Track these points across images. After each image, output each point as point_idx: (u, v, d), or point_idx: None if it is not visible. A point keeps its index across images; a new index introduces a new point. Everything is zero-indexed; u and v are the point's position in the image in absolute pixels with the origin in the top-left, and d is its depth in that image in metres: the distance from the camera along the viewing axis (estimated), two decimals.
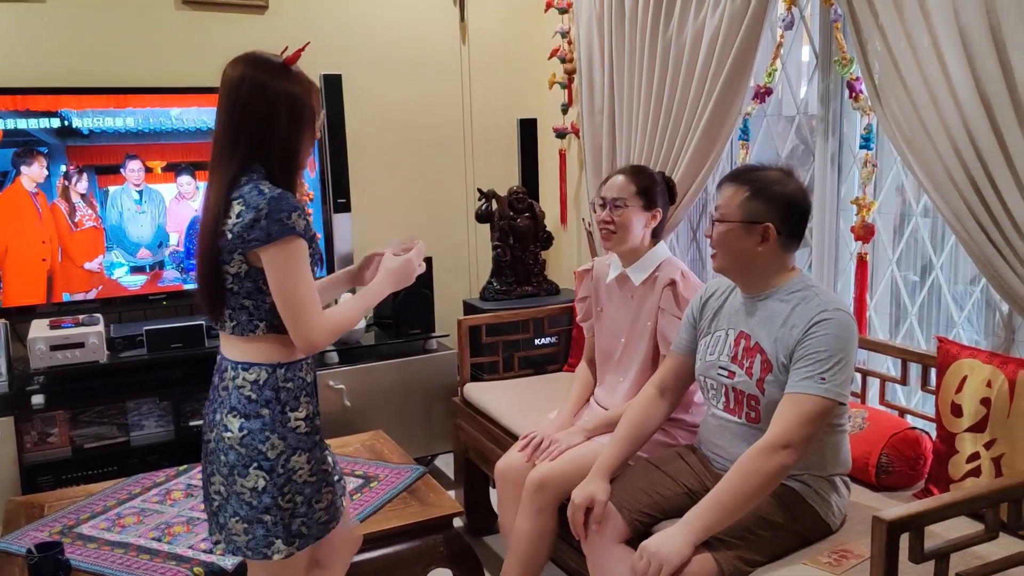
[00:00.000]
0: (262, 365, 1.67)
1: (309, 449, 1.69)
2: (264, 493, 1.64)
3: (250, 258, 1.62)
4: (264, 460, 1.64)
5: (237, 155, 1.64)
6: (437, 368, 3.56)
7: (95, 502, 2.53)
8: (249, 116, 1.64)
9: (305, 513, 1.69)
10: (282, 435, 1.65)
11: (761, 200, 1.87)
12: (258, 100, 1.64)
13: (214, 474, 1.69)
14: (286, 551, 1.67)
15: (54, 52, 3.32)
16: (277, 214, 1.58)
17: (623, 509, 1.97)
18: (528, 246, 3.78)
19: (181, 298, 3.45)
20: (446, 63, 4.05)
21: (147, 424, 3.21)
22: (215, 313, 1.70)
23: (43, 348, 3.00)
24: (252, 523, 1.65)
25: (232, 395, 1.66)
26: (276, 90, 1.65)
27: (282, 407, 1.66)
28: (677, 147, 3.03)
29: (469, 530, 3.13)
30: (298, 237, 1.60)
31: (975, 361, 1.99)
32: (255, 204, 1.59)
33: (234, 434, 1.64)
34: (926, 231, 2.56)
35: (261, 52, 1.71)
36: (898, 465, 2.13)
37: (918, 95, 2.11)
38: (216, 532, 1.73)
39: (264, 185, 1.62)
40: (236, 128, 1.65)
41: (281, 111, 1.65)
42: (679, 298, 2.26)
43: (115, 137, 3.25)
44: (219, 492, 1.69)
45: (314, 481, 1.70)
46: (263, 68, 1.67)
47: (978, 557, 1.65)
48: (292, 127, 1.67)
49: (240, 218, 1.59)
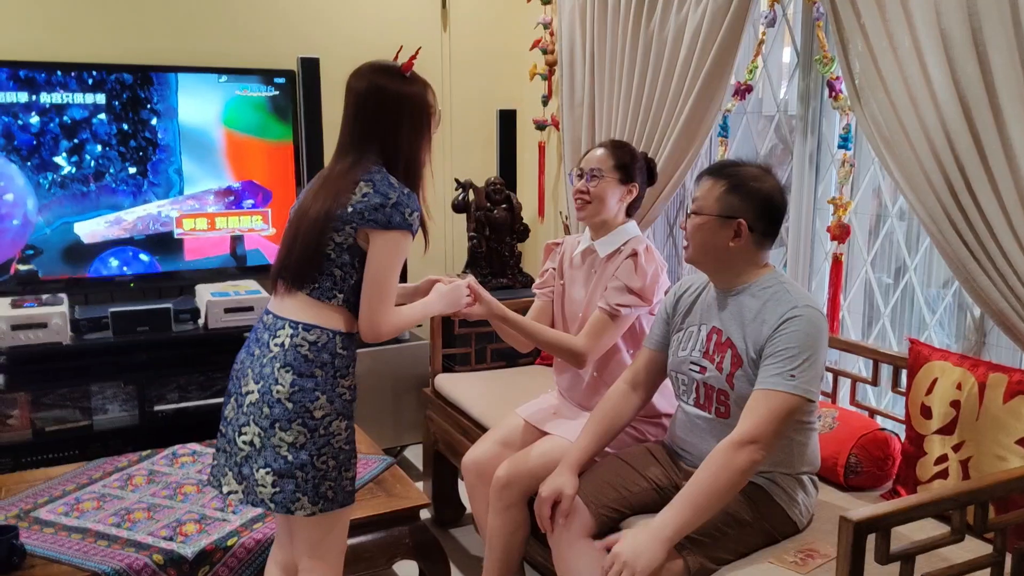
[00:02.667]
0: (324, 328, 1.76)
1: (349, 417, 1.80)
2: (302, 449, 1.72)
3: (359, 235, 1.73)
4: (309, 418, 1.72)
5: (366, 152, 1.77)
6: (408, 359, 3.52)
7: (54, 486, 2.48)
8: (377, 121, 1.77)
9: (335, 478, 1.77)
10: (330, 398, 1.75)
11: (738, 195, 1.86)
12: (383, 105, 1.77)
13: (248, 425, 1.75)
14: (310, 509, 1.74)
15: (16, 26, 3.23)
16: (403, 208, 1.72)
17: (590, 503, 1.95)
18: (504, 238, 3.76)
19: (149, 281, 3.39)
20: (426, 50, 3.96)
21: (111, 408, 3.15)
22: (301, 275, 1.77)
23: (4, 328, 2.93)
24: (283, 477, 1.72)
25: (288, 352, 1.73)
26: (398, 93, 1.78)
27: (335, 372, 1.76)
28: (657, 142, 3.01)
29: (436, 522, 3.10)
30: (409, 234, 1.74)
31: (946, 363, 1.99)
32: (385, 192, 1.72)
33: (284, 388, 1.71)
34: (901, 234, 2.57)
35: (380, 61, 1.84)
36: (866, 465, 2.13)
37: (898, 96, 2.11)
38: (235, 482, 1.79)
39: (394, 179, 1.76)
40: (363, 132, 1.78)
41: (404, 114, 1.78)
42: (638, 268, 2.24)
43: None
44: (251, 443, 1.74)
45: (348, 449, 1.80)
46: (385, 75, 1.79)
47: (944, 559, 1.65)
48: (415, 129, 1.80)
49: (366, 198, 1.71)
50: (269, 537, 2.19)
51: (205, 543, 2.14)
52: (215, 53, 3.51)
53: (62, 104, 3.14)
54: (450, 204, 3.81)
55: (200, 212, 3.42)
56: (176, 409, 3.20)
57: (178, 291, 3.49)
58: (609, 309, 2.23)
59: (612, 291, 2.25)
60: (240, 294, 3.31)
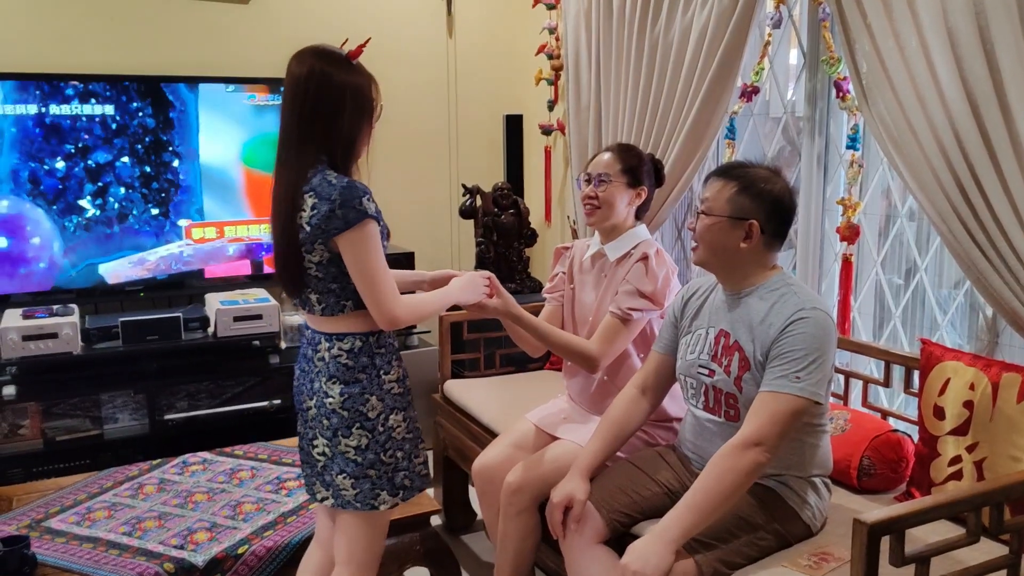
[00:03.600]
0: (355, 335, 1.78)
1: (404, 408, 1.83)
2: (368, 450, 1.77)
3: (330, 246, 1.71)
4: (365, 420, 1.77)
5: (305, 148, 1.73)
6: (418, 365, 3.52)
7: (65, 495, 2.48)
8: (317, 108, 1.72)
9: (407, 467, 1.83)
10: (380, 396, 1.78)
11: (748, 196, 1.85)
12: (325, 92, 1.71)
13: (317, 437, 1.81)
14: (391, 501, 1.80)
15: (30, 38, 3.25)
16: (350, 201, 1.67)
17: (602, 509, 1.94)
18: (512, 243, 3.76)
19: (158, 290, 3.40)
20: (432, 57, 4.02)
21: (121, 417, 3.15)
22: (298, 297, 1.82)
23: (15, 338, 2.94)
24: (359, 478, 1.77)
25: (330, 365, 1.77)
26: (341, 81, 1.72)
27: (377, 371, 1.79)
28: (663, 145, 3.01)
29: (447, 528, 3.09)
30: (371, 220, 1.70)
31: (958, 363, 1.98)
32: (327, 195, 1.67)
33: (335, 399, 1.76)
34: (911, 234, 2.56)
35: (324, 45, 1.78)
36: (880, 468, 2.11)
37: (905, 95, 2.10)
38: (324, 489, 1.84)
39: (331, 175, 1.71)
40: (306, 121, 1.72)
41: (347, 102, 1.72)
42: (649, 271, 2.23)
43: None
44: (323, 453, 1.81)
45: (411, 437, 1.84)
46: (328, 60, 1.73)
47: (959, 561, 1.63)
48: (355, 118, 1.75)
49: (315, 210, 1.68)
50: (280, 544, 2.19)
51: (216, 551, 2.14)
52: (225, 64, 3.52)
53: (81, 127, 3.17)
54: (457, 210, 3.82)
55: (210, 222, 3.44)
56: (186, 418, 3.20)
57: (187, 300, 3.50)
58: (621, 313, 2.22)
59: (623, 295, 2.24)
60: (249, 302, 3.32)
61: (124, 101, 3.25)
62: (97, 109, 3.21)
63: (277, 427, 3.23)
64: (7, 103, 3.08)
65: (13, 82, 3.08)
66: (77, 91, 3.17)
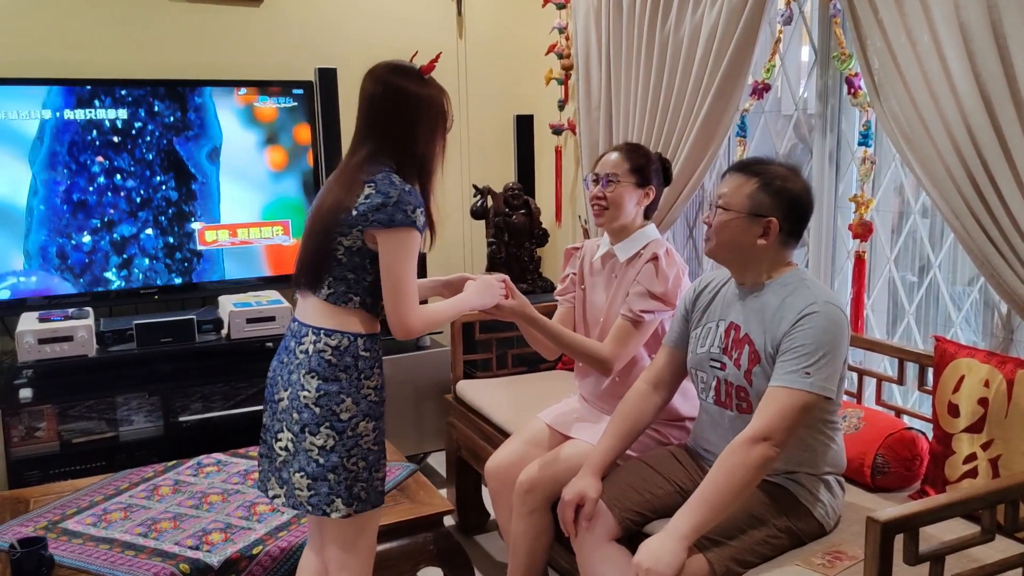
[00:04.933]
0: (344, 332, 1.78)
1: (376, 418, 1.82)
2: (332, 452, 1.75)
3: (366, 236, 1.73)
4: (336, 421, 1.75)
5: (377, 152, 1.77)
6: (430, 365, 3.53)
7: (81, 497, 2.50)
8: (392, 121, 1.76)
9: (367, 479, 1.80)
10: (356, 400, 1.77)
11: (768, 194, 1.84)
12: (399, 106, 1.76)
13: (283, 431, 1.80)
14: (344, 511, 1.77)
15: (40, 41, 3.28)
16: (404, 205, 1.71)
17: (614, 507, 1.94)
18: (523, 243, 3.76)
19: (172, 293, 3.42)
20: (443, 57, 4.00)
21: (136, 419, 3.17)
22: (315, 278, 1.80)
23: (31, 341, 2.97)
24: (317, 480, 1.76)
25: (312, 359, 1.76)
26: (416, 94, 1.77)
27: (359, 374, 1.78)
28: (674, 144, 3.00)
29: (460, 528, 3.10)
30: (415, 231, 1.72)
31: (973, 360, 1.96)
32: (386, 191, 1.71)
33: (311, 394, 1.75)
34: (925, 231, 2.54)
35: (397, 60, 1.82)
36: (894, 466, 2.10)
37: (918, 91, 2.08)
38: (277, 487, 1.83)
39: (396, 178, 1.74)
40: (379, 134, 1.77)
41: (421, 115, 1.77)
42: (659, 272, 2.22)
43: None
44: (286, 448, 1.79)
45: (376, 450, 1.83)
46: (402, 75, 1.78)
47: (974, 559, 1.62)
48: (429, 130, 1.79)
49: (368, 199, 1.71)
50: (294, 545, 2.20)
51: (231, 552, 2.15)
52: (233, 67, 3.55)
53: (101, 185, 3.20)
54: (468, 210, 3.82)
55: (224, 224, 3.46)
56: (200, 420, 3.22)
57: (201, 302, 3.52)
58: (632, 316, 2.22)
59: (634, 297, 2.23)
60: (262, 304, 3.34)
61: (142, 101, 3.27)
62: (110, 113, 3.23)
63: None
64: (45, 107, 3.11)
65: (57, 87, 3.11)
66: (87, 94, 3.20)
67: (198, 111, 3.36)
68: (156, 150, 3.31)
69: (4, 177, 3.11)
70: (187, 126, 3.35)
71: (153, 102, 3.28)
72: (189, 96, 3.33)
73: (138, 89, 3.26)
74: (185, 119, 3.34)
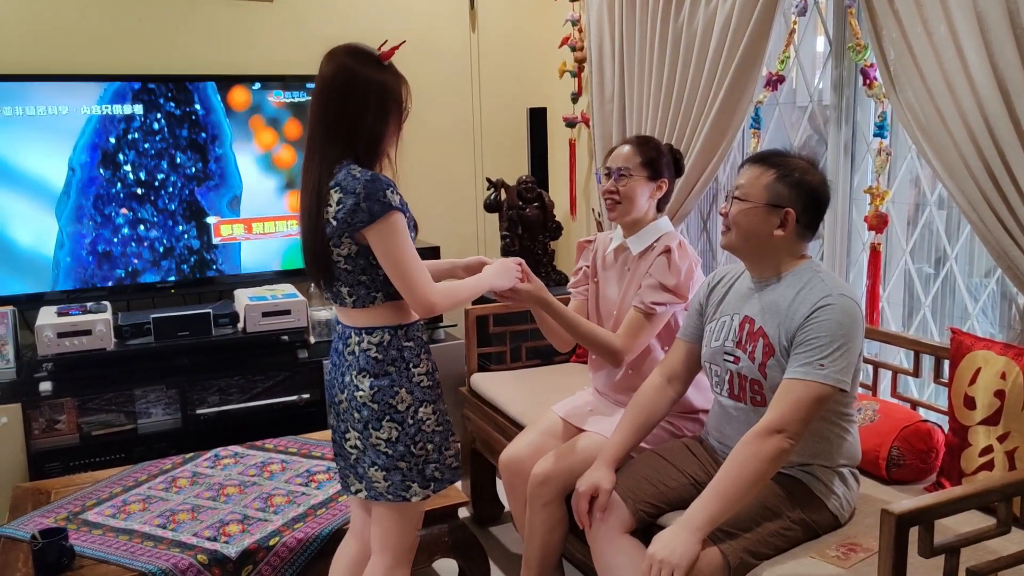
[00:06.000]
0: (384, 328, 1.80)
1: (433, 401, 1.85)
2: (398, 443, 1.79)
3: (357, 239, 1.73)
4: (395, 413, 1.79)
5: (331, 146, 1.75)
6: (444, 358, 3.53)
7: (101, 489, 2.53)
8: (343, 105, 1.74)
9: (437, 459, 1.85)
10: (409, 389, 1.80)
11: (786, 185, 1.84)
12: (351, 89, 1.74)
13: (348, 431, 1.84)
14: (423, 493, 1.82)
15: (54, 38, 3.31)
16: (374, 194, 1.69)
17: (628, 499, 1.95)
18: (537, 236, 3.76)
19: (188, 287, 3.45)
20: (455, 51, 4.02)
21: (154, 412, 3.21)
22: (329, 290, 1.84)
23: (51, 335, 3.00)
24: (390, 470, 1.80)
25: (360, 358, 1.80)
26: (367, 78, 1.74)
27: (406, 364, 1.81)
28: (688, 136, 2.99)
29: (475, 520, 3.11)
30: (396, 211, 1.71)
31: (989, 353, 1.95)
32: (351, 189, 1.69)
33: (366, 392, 1.78)
34: (941, 222, 2.52)
35: (357, 44, 1.80)
36: (909, 458, 2.09)
37: (934, 82, 2.07)
38: (357, 482, 1.88)
39: (355, 170, 1.73)
40: (332, 118, 1.75)
41: (371, 99, 1.74)
42: (671, 264, 2.22)
43: None
44: (355, 446, 1.84)
45: (441, 430, 1.86)
46: (356, 58, 1.76)
47: (990, 552, 1.62)
48: (380, 115, 1.76)
49: (340, 205, 1.70)
50: (310, 536, 2.22)
51: (248, 543, 2.18)
52: (245, 62, 3.56)
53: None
54: (482, 204, 3.83)
55: (237, 219, 3.48)
56: (217, 412, 3.25)
57: (217, 296, 3.55)
58: (644, 308, 2.22)
59: (647, 289, 2.23)
60: (277, 298, 3.36)
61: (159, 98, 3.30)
62: (126, 109, 3.26)
63: (306, 421, 3.26)
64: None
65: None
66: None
67: (206, 103, 3.38)
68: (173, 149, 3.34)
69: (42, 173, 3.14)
70: (200, 125, 3.37)
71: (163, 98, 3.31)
72: (195, 89, 3.36)
73: (151, 84, 3.28)
74: (194, 115, 3.36)
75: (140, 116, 3.28)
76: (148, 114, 3.29)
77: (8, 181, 3.15)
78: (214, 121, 3.40)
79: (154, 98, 3.29)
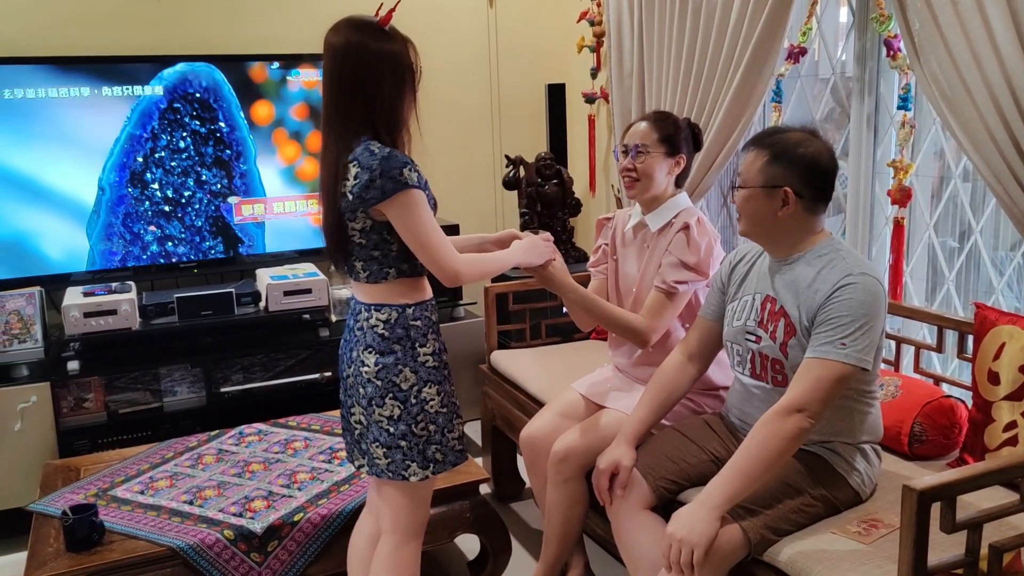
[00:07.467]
0: (392, 305, 1.81)
1: (439, 382, 1.85)
2: (399, 421, 1.80)
3: (372, 214, 1.74)
4: (398, 391, 1.80)
5: (349, 120, 1.75)
6: (464, 336, 3.55)
7: (129, 466, 2.58)
8: (357, 80, 1.74)
9: (440, 441, 1.85)
10: (414, 368, 1.81)
11: (780, 164, 1.82)
12: (363, 63, 1.73)
13: (354, 406, 1.86)
14: (421, 474, 1.83)
15: (59, 20, 3.32)
16: (389, 171, 1.69)
17: (648, 476, 1.95)
18: (556, 213, 3.75)
19: (211, 267, 3.48)
20: (473, 27, 4.00)
21: (179, 390, 3.25)
22: (344, 265, 1.86)
23: (77, 315, 3.04)
24: (391, 448, 1.81)
25: (367, 334, 1.81)
26: (378, 50, 1.73)
27: (412, 343, 1.81)
28: (708, 110, 2.96)
29: (496, 497, 3.14)
30: (412, 188, 1.71)
31: (1014, 328, 1.93)
32: (368, 165, 1.70)
33: (371, 368, 1.80)
34: (966, 195, 2.49)
35: (358, 16, 1.79)
36: (932, 434, 2.08)
37: (959, 52, 2.03)
38: (359, 457, 1.91)
39: (374, 145, 1.73)
40: (346, 93, 1.75)
41: (385, 73, 1.74)
42: (691, 241, 2.21)
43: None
44: (360, 422, 1.86)
45: (445, 412, 1.86)
46: (363, 31, 1.75)
47: (1013, 527, 1.61)
48: (395, 86, 1.76)
49: (357, 180, 1.71)
50: (334, 512, 2.25)
51: (273, 519, 2.21)
52: (266, 40, 3.56)
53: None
54: (500, 181, 3.82)
55: (257, 199, 3.50)
56: (241, 390, 3.29)
57: (239, 275, 3.58)
58: (666, 287, 2.21)
59: (667, 268, 2.23)
60: (299, 276, 3.38)
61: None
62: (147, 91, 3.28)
63: (329, 398, 3.29)
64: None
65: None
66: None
67: (230, 120, 3.39)
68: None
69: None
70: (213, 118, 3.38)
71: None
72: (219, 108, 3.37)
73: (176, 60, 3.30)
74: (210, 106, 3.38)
75: (166, 136, 3.31)
76: (174, 132, 3.31)
77: (38, 199, 3.19)
78: (239, 138, 3.41)
79: (179, 116, 3.31)
